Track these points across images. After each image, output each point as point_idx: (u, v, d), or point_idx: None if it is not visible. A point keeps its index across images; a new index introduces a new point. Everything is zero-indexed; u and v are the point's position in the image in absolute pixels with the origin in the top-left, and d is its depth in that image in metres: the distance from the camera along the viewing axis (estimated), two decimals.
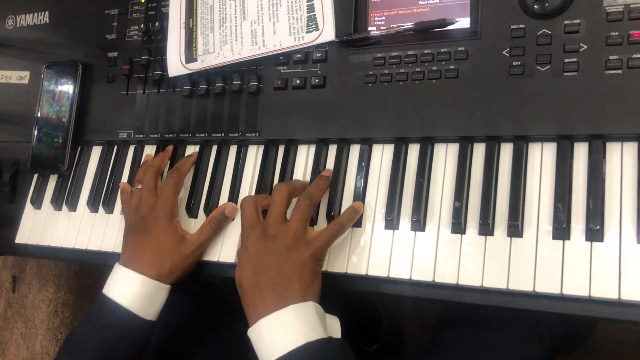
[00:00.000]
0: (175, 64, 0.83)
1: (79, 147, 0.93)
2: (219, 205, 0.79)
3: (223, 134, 0.82)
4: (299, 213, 0.69)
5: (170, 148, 0.85)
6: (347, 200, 0.73)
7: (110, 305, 0.73)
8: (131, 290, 0.73)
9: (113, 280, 0.75)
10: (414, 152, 0.71)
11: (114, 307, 0.73)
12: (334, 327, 0.68)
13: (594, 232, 0.60)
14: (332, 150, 0.76)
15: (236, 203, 0.79)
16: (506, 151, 0.67)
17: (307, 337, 0.62)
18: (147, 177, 0.81)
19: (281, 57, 0.79)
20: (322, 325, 0.65)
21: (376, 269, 0.69)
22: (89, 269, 1.22)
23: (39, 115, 0.94)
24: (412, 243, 0.68)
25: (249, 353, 0.90)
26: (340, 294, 0.69)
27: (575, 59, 0.64)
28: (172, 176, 0.80)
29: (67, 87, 0.93)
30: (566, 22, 0.65)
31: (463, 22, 0.71)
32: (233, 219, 0.78)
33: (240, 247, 0.72)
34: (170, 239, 0.76)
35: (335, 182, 0.74)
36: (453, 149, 0.70)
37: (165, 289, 0.75)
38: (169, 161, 0.85)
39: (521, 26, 0.67)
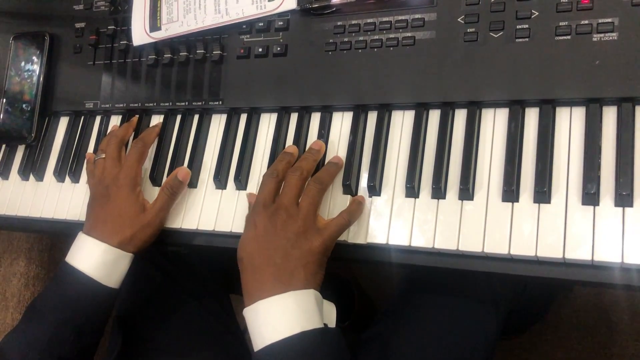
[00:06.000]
0: (140, 33, 0.84)
1: (47, 118, 0.94)
2: None
3: (187, 103, 0.82)
4: (309, 197, 0.67)
5: (135, 119, 0.85)
6: None
7: (72, 273, 0.73)
8: (93, 258, 0.73)
9: (75, 248, 0.76)
10: (371, 119, 0.72)
11: (76, 274, 0.73)
12: (330, 314, 0.68)
13: (542, 194, 0.61)
14: (294, 118, 0.77)
15: (198, 172, 0.79)
16: (460, 117, 0.68)
17: (303, 325, 0.61)
18: (111, 146, 0.81)
19: (244, 26, 0.80)
20: (319, 314, 0.64)
21: None
22: (60, 244, 1.22)
23: (6, 86, 0.94)
24: (368, 207, 0.69)
25: (216, 325, 0.91)
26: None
27: (527, 26, 0.65)
28: (136, 146, 0.80)
29: (35, 58, 0.93)
30: None
31: None
32: (196, 187, 0.79)
33: (248, 221, 0.70)
34: (131, 207, 0.76)
35: None
36: (410, 116, 0.71)
37: (128, 257, 0.75)
38: (134, 131, 0.85)
39: None
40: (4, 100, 0.94)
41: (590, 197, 0.59)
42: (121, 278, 0.76)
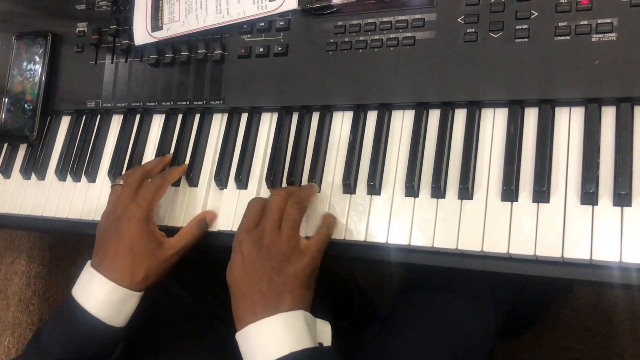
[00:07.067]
0: (142, 33, 0.84)
1: (48, 117, 0.94)
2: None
3: (188, 102, 0.83)
4: (289, 222, 0.67)
5: (169, 156, 0.82)
6: (308, 167, 0.74)
7: (77, 310, 0.70)
8: (99, 297, 0.70)
9: (82, 282, 0.72)
10: (372, 118, 0.73)
11: (81, 312, 0.69)
12: (324, 333, 0.67)
13: (541, 194, 0.61)
14: (295, 117, 0.77)
15: (199, 171, 0.80)
16: (460, 117, 0.68)
17: (292, 346, 0.62)
18: (133, 177, 0.77)
19: (245, 26, 0.80)
20: (310, 334, 0.64)
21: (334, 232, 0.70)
22: (62, 243, 1.22)
23: (8, 85, 0.95)
24: (367, 206, 0.69)
25: (216, 324, 0.91)
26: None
27: (526, 26, 0.65)
28: (156, 179, 0.76)
29: (37, 57, 0.94)
30: None
31: None
32: (196, 186, 0.79)
33: (234, 247, 0.69)
34: (145, 244, 0.72)
35: (296, 150, 0.75)
36: (409, 115, 0.71)
37: (136, 296, 0.71)
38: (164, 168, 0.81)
39: None
40: (6, 99, 0.94)
41: (589, 196, 0.59)
42: (128, 317, 0.72)
